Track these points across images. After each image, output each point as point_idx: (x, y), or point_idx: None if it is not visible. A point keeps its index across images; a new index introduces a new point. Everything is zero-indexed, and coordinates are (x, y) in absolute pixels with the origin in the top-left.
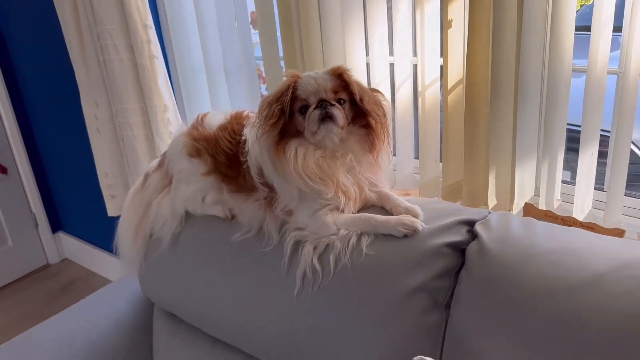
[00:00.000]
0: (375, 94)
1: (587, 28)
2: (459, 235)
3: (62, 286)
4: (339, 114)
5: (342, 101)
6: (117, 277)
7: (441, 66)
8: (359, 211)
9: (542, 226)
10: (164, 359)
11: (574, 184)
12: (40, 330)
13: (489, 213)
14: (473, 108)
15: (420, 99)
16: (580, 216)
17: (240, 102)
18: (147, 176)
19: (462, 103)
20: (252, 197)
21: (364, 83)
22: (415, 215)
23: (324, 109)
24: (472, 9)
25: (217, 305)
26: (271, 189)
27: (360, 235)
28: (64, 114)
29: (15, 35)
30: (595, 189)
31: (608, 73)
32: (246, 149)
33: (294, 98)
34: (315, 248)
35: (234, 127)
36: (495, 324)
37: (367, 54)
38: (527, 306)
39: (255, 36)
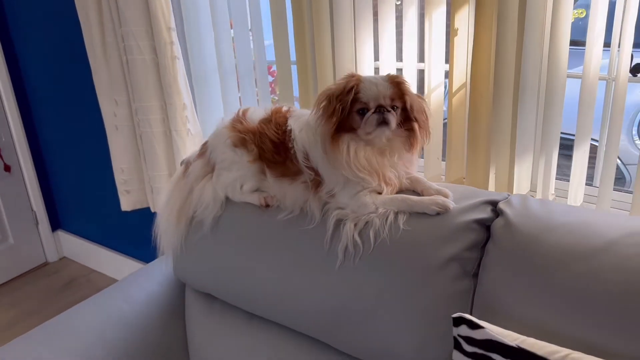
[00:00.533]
0: (420, 100)
1: (578, 43)
2: (485, 213)
3: (62, 284)
4: (393, 120)
5: (395, 107)
6: (119, 274)
7: (446, 71)
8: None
9: (557, 205)
10: (199, 336)
11: (567, 180)
12: (81, 308)
13: (509, 195)
14: (476, 110)
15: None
16: None
17: (251, 104)
18: (188, 165)
19: (464, 106)
20: (298, 180)
21: None
22: (446, 196)
23: (381, 114)
24: (477, 19)
25: (259, 281)
26: (316, 172)
27: (397, 214)
28: (68, 113)
29: (22, 35)
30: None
31: (599, 79)
32: (292, 137)
33: (355, 99)
34: (355, 225)
35: (277, 120)
36: (519, 287)
37: (376, 59)
38: (548, 270)
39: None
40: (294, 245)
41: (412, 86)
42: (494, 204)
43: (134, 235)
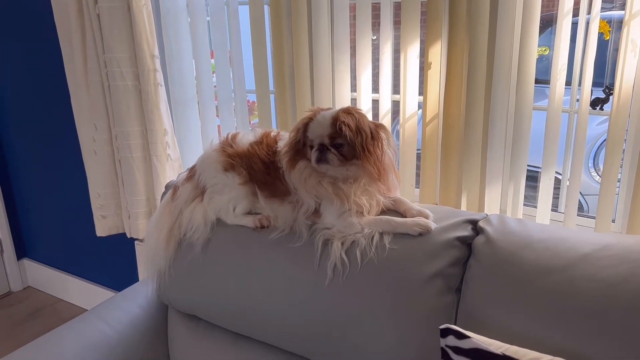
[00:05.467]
0: (366, 134)
1: (541, 81)
2: (466, 231)
3: (27, 314)
4: (333, 157)
5: (339, 145)
6: (88, 303)
7: (419, 103)
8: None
9: (532, 223)
10: (183, 357)
11: (534, 206)
12: (62, 332)
13: (487, 215)
14: (448, 139)
15: (401, 131)
16: None
17: (229, 131)
18: (176, 188)
19: (437, 135)
20: (286, 200)
21: None
22: (426, 217)
23: (321, 153)
24: (449, 54)
25: (249, 301)
26: None
27: (382, 234)
28: (38, 137)
29: None
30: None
31: (562, 112)
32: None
33: (306, 135)
34: (342, 244)
35: (268, 142)
36: (501, 299)
37: (353, 90)
38: (528, 283)
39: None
40: (284, 265)
41: (364, 119)
42: (474, 222)
43: (104, 262)
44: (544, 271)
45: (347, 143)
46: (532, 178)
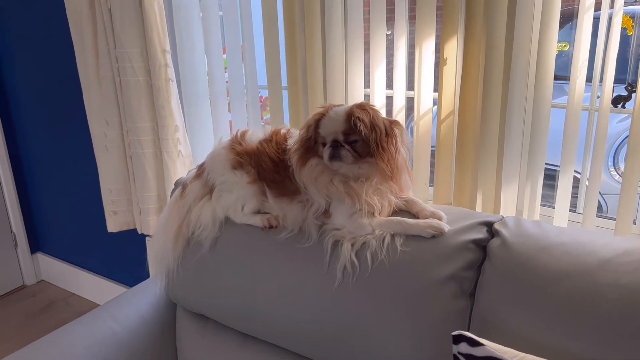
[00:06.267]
0: (380, 130)
1: (560, 77)
2: (481, 234)
3: (40, 307)
4: (347, 154)
5: (353, 141)
6: (100, 298)
7: (434, 99)
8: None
9: (550, 225)
10: (190, 356)
11: (551, 207)
12: (71, 328)
13: (503, 217)
14: (464, 137)
15: (415, 129)
16: None
17: (241, 127)
18: (185, 185)
19: (452, 133)
20: (295, 199)
21: None
22: (440, 218)
23: (334, 150)
24: (466, 49)
25: (257, 302)
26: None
27: (393, 236)
28: (52, 133)
29: (8, 51)
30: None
31: (582, 109)
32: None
33: (318, 132)
34: (352, 245)
35: (277, 139)
36: (517, 305)
37: (367, 86)
38: (545, 288)
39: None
40: (293, 266)
41: (378, 115)
42: (489, 225)
43: (116, 257)
44: (562, 276)
45: (361, 139)
46: (550, 177)
